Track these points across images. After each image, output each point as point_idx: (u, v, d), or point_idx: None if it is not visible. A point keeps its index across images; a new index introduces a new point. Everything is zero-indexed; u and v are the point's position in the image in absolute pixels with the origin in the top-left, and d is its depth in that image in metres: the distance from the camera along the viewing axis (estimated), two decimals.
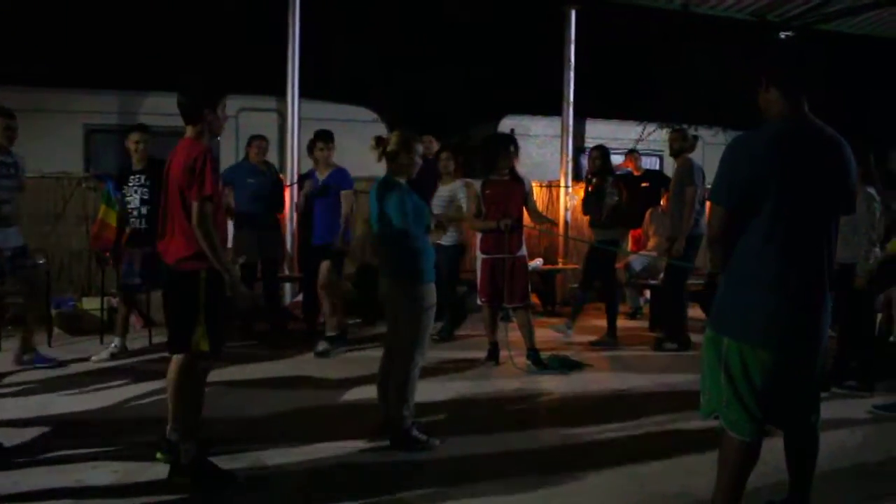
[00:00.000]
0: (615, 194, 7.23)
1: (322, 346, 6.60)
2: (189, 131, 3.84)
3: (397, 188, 4.28)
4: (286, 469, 3.99)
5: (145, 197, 6.09)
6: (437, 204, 6.97)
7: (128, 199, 6.15)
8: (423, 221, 4.34)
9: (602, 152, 7.55)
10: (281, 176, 7.53)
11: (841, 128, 2.94)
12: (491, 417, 4.98)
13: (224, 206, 4.18)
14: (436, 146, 7.94)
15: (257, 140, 7.27)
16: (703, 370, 3.06)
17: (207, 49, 13.12)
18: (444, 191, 7.13)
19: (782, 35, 10.41)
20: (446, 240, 7.02)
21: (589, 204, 7.52)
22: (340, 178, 6.80)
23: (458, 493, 3.74)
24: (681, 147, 7.09)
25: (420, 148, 4.49)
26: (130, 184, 6.14)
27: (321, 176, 6.80)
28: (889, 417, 5.06)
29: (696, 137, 7.50)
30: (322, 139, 6.79)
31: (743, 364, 2.86)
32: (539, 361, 6.25)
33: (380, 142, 4.46)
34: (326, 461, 4.10)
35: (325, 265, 6.66)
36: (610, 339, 7.27)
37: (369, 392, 5.33)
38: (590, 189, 7.56)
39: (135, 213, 6.13)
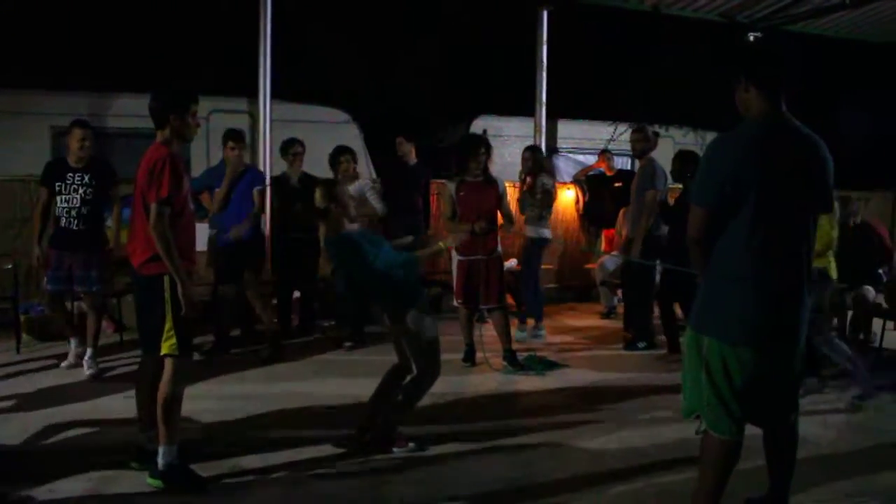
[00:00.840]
0: (546, 192, 7.52)
1: (266, 352, 6.56)
2: (158, 136, 3.85)
3: (349, 247, 4.20)
4: (265, 475, 3.95)
5: (88, 197, 5.83)
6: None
7: (65, 196, 5.82)
8: (384, 251, 4.25)
9: (533, 152, 7.81)
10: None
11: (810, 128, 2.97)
12: (468, 419, 4.97)
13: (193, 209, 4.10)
14: (407, 146, 7.92)
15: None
16: (684, 370, 3.07)
17: (178, 50, 12.96)
18: (350, 191, 6.93)
19: (751, 36, 10.54)
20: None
21: (524, 202, 7.67)
22: (252, 177, 6.69)
23: (438, 494, 3.73)
24: (644, 148, 7.06)
25: (346, 190, 4.46)
26: (69, 181, 5.82)
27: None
28: (861, 413, 5.15)
29: (657, 134, 7.49)
30: (232, 139, 6.59)
31: (723, 363, 2.87)
32: (516, 362, 6.26)
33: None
34: (306, 465, 4.07)
35: (247, 272, 6.53)
36: (538, 324, 7.49)
37: (348, 395, 5.32)
38: (524, 188, 7.71)
39: (72, 212, 5.81)
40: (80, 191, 5.83)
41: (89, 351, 5.90)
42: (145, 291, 3.83)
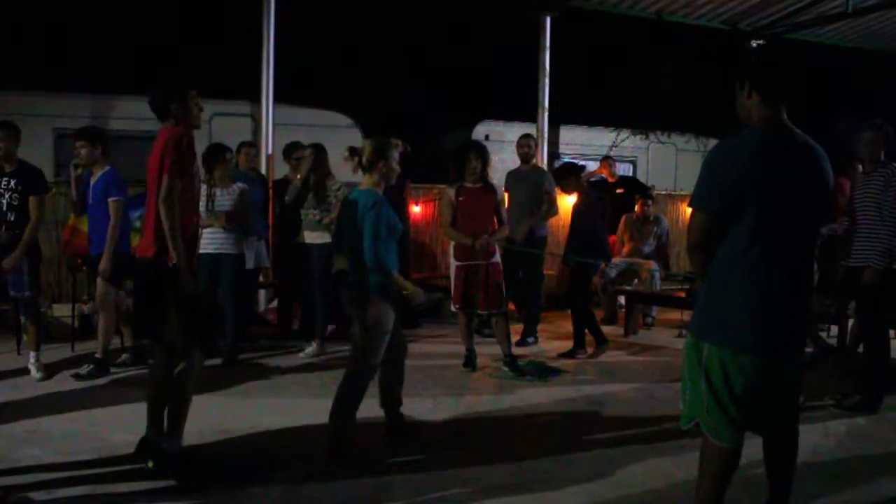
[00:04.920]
0: None
1: (84, 368, 5.85)
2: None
3: (376, 205, 4.18)
4: (265, 478, 3.94)
5: (14, 203, 5.56)
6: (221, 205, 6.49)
7: None
8: (395, 236, 4.30)
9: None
10: None
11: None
12: (468, 424, 4.96)
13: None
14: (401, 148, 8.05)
15: (246, 147, 7.13)
16: (684, 377, 3.06)
17: (180, 53, 13.00)
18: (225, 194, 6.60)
19: (754, 43, 10.58)
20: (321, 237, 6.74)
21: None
22: (109, 181, 5.91)
23: (435, 500, 3.72)
24: (533, 154, 7.93)
25: (397, 154, 4.42)
26: None
27: (93, 179, 5.99)
28: (861, 421, 5.13)
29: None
30: (75, 136, 5.98)
31: (724, 370, 2.86)
32: (516, 368, 6.25)
33: (354, 152, 4.37)
34: (305, 470, 4.05)
35: (100, 282, 5.90)
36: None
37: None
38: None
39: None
40: (7, 196, 5.54)
41: (33, 355, 5.84)
42: (154, 283, 3.85)
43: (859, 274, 5.27)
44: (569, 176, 7.00)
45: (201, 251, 5.99)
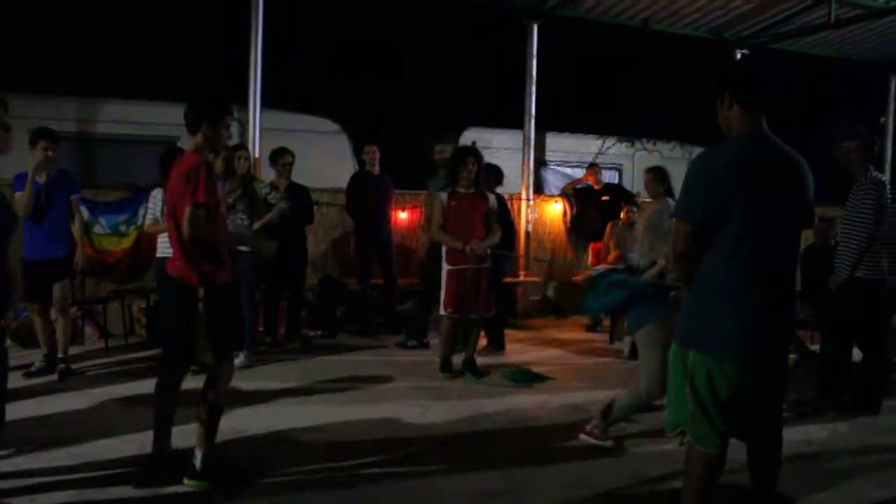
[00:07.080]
0: None
1: (60, 367, 5.98)
2: (191, 142, 3.95)
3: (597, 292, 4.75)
4: (258, 483, 3.94)
5: None
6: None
7: None
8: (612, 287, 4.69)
9: None
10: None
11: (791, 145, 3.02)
12: (455, 431, 4.96)
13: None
14: (377, 155, 8.23)
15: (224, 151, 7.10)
16: (669, 384, 3.09)
17: (168, 57, 12.97)
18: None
19: (738, 53, 10.69)
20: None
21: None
22: (71, 180, 6.08)
23: None
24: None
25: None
26: None
27: (41, 179, 5.85)
28: (842, 427, 5.18)
29: None
30: (46, 138, 5.79)
31: (708, 378, 2.89)
32: (475, 370, 6.31)
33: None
34: (298, 473, 4.06)
35: (60, 286, 5.97)
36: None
37: (339, 406, 5.31)
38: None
39: None
40: None
41: None
42: (178, 296, 3.88)
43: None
44: (491, 176, 7.11)
45: (159, 255, 6.08)
